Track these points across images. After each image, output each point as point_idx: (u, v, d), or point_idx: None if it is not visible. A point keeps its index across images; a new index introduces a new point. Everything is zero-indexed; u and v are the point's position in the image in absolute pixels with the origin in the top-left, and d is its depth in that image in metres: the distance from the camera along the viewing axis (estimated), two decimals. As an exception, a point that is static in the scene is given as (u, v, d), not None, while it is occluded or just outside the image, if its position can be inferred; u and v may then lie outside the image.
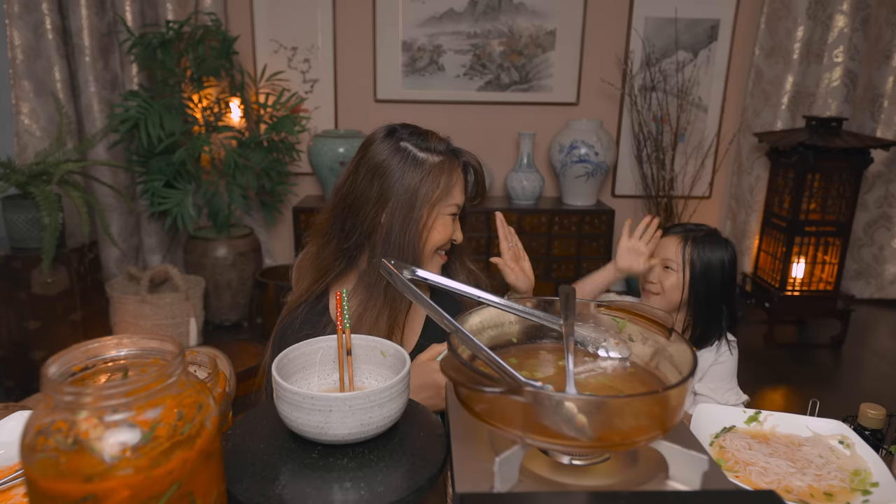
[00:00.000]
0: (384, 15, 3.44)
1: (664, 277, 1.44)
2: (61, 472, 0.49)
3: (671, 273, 1.44)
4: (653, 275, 1.46)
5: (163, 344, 0.60)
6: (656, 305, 1.41)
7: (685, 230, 1.47)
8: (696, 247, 1.43)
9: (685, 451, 0.62)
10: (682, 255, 1.43)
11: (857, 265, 3.81)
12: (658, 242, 1.44)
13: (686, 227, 1.49)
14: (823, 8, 3.39)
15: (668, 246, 1.44)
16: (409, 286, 0.73)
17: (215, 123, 3.09)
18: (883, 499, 0.78)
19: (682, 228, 1.48)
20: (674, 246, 1.43)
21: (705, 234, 1.45)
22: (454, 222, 1.16)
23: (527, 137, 3.44)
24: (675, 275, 1.43)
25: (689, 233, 1.45)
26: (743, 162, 3.67)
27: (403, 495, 0.66)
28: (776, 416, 0.98)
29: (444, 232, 1.13)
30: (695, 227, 1.48)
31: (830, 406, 1.21)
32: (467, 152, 1.17)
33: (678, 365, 0.68)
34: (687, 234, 1.44)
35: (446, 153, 1.12)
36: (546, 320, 0.77)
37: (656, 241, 1.43)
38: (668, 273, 1.44)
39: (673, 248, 1.43)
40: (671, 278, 1.44)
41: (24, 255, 2.40)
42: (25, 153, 2.88)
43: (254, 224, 3.55)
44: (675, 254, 1.43)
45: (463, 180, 1.15)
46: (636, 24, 3.50)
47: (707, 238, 1.44)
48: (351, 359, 0.85)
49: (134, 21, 3.06)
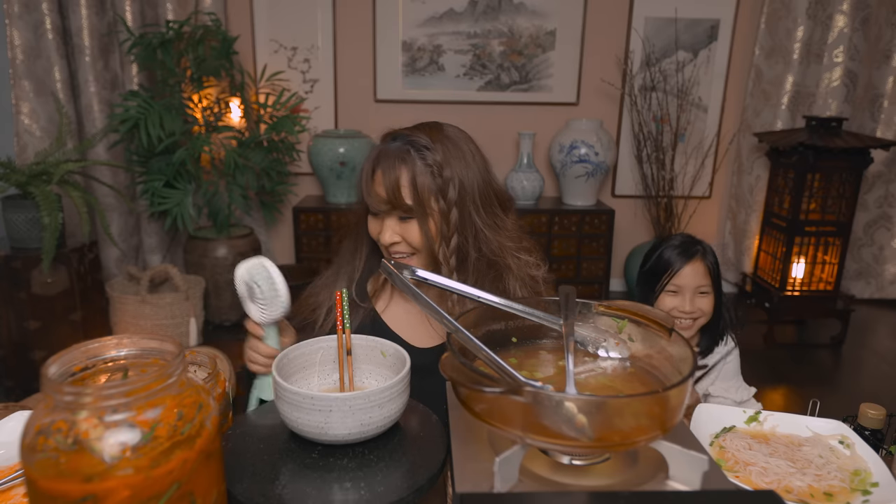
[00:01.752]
0: (384, 15, 3.44)
1: (703, 303, 1.39)
2: (61, 472, 0.49)
3: (706, 296, 1.40)
4: (684, 308, 1.39)
5: (163, 344, 0.60)
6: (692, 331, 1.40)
7: (689, 249, 1.41)
8: (710, 259, 1.41)
9: (685, 451, 0.62)
10: (710, 274, 1.39)
11: (857, 265, 3.81)
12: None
13: (687, 246, 1.42)
14: (823, 8, 3.39)
15: (695, 272, 1.39)
16: (408, 286, 0.73)
17: (215, 123, 3.09)
18: (883, 499, 0.78)
19: (685, 250, 1.41)
20: (700, 270, 1.39)
21: (701, 243, 1.44)
22: (382, 221, 1.08)
23: (527, 137, 3.44)
24: (710, 294, 1.40)
25: (694, 248, 1.41)
26: (743, 162, 3.67)
27: (403, 495, 0.66)
28: (776, 416, 0.98)
29: (372, 229, 1.11)
30: (691, 240, 1.44)
31: (830, 406, 1.21)
32: (396, 147, 1.06)
33: (678, 365, 0.68)
34: (701, 252, 1.40)
35: (382, 146, 1.08)
36: (546, 320, 0.77)
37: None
38: (705, 297, 1.40)
39: (701, 272, 1.39)
40: (707, 300, 1.40)
41: (24, 255, 2.40)
42: (25, 153, 2.88)
43: (254, 224, 3.55)
44: (705, 276, 1.39)
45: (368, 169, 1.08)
46: (636, 24, 3.50)
47: (705, 246, 1.43)
48: (351, 359, 0.85)
49: (134, 21, 3.06)
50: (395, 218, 1.07)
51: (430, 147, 1.04)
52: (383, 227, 1.08)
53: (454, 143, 1.07)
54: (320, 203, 3.42)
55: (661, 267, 1.41)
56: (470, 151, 1.09)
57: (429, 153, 1.04)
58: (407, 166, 1.04)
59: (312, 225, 3.31)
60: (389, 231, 1.07)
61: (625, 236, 3.79)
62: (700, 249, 1.41)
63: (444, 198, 1.04)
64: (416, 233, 1.06)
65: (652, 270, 1.44)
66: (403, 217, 1.06)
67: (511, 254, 1.11)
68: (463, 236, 1.07)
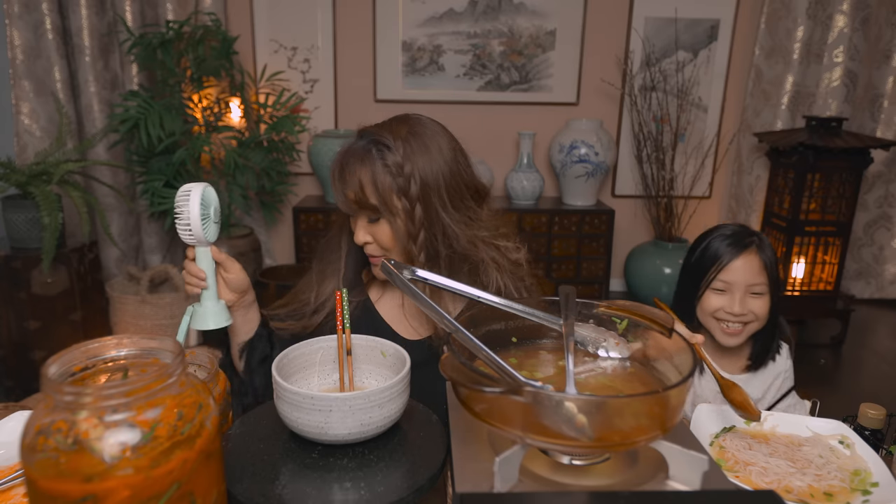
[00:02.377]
0: (384, 15, 3.44)
1: (755, 305, 1.21)
2: (61, 472, 0.49)
3: (760, 297, 1.22)
4: (733, 309, 1.20)
5: (163, 344, 0.60)
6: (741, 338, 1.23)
7: (743, 240, 1.22)
8: (767, 254, 1.22)
9: (685, 451, 0.62)
10: (766, 271, 1.21)
11: (857, 265, 3.81)
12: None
13: (740, 236, 1.23)
14: (823, 8, 3.39)
15: (748, 268, 1.20)
16: (408, 285, 0.73)
17: (215, 123, 3.09)
18: (883, 499, 0.78)
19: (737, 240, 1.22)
20: (755, 265, 1.20)
21: (758, 234, 1.25)
22: (355, 221, 1.09)
23: (527, 137, 3.44)
24: (766, 295, 1.22)
25: (749, 238, 1.23)
26: (743, 162, 3.67)
27: (403, 495, 0.66)
28: (776, 416, 0.98)
29: (352, 228, 1.11)
30: (744, 230, 1.25)
31: (830, 406, 1.21)
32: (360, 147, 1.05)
33: (678, 365, 0.68)
34: (757, 243, 1.22)
35: (348, 145, 1.08)
36: (546, 320, 0.77)
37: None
38: (758, 298, 1.22)
39: (756, 268, 1.20)
40: (761, 302, 1.22)
41: (24, 255, 2.40)
42: (25, 153, 2.88)
43: (254, 224, 3.55)
44: (760, 273, 1.21)
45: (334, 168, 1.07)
46: (636, 24, 3.50)
47: (761, 237, 1.24)
48: (351, 359, 0.85)
49: (134, 21, 3.06)
50: (365, 219, 1.07)
51: (390, 146, 1.03)
52: (356, 228, 1.09)
53: (419, 137, 1.05)
54: (320, 203, 3.42)
55: (708, 260, 1.23)
56: (437, 146, 1.06)
57: (389, 152, 1.03)
58: (367, 167, 1.03)
59: (312, 225, 3.31)
60: (361, 231, 1.08)
61: (625, 236, 3.79)
62: (756, 241, 1.22)
63: (407, 196, 1.03)
64: (385, 233, 1.06)
65: (697, 264, 1.25)
66: (373, 219, 1.06)
67: (488, 244, 1.09)
68: (431, 233, 1.06)
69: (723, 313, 1.21)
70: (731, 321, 1.21)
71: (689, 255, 1.30)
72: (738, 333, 1.22)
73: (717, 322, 1.24)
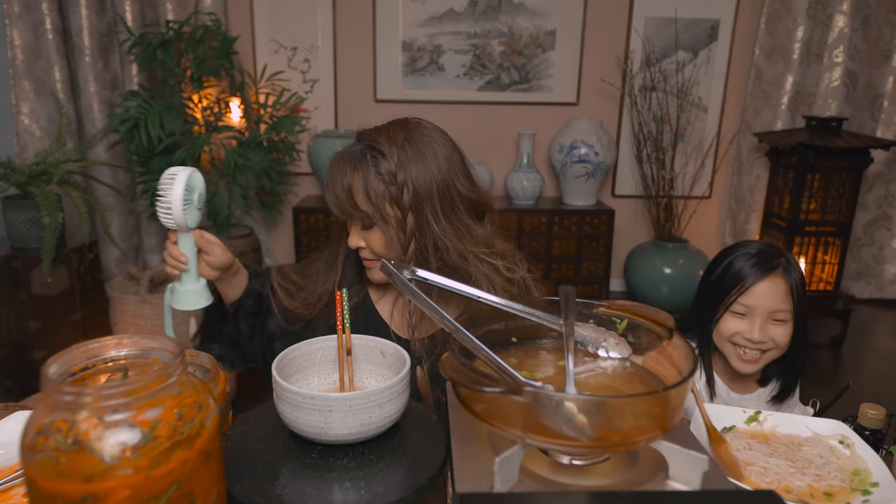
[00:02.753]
0: (384, 15, 3.44)
1: (776, 333, 1.13)
2: (61, 472, 0.49)
3: (783, 324, 1.13)
4: (752, 335, 1.12)
5: (163, 344, 0.60)
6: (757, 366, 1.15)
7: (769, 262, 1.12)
8: (794, 276, 1.13)
9: (685, 451, 0.62)
10: (792, 296, 1.12)
11: (857, 265, 3.81)
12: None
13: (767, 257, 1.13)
14: (823, 8, 3.39)
15: (773, 292, 1.11)
16: (407, 285, 0.73)
17: (215, 123, 3.09)
18: (883, 499, 0.78)
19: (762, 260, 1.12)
20: (781, 289, 1.11)
21: (785, 255, 1.15)
22: (350, 225, 1.09)
23: (527, 137, 3.44)
24: (789, 323, 1.13)
25: (776, 260, 1.13)
26: (743, 162, 3.67)
27: (403, 495, 0.66)
28: (776, 416, 0.98)
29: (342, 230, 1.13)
30: (772, 250, 1.15)
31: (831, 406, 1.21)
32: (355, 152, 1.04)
33: (678, 365, 0.68)
34: (784, 266, 1.13)
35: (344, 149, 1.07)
36: (546, 320, 0.77)
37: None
38: (780, 325, 1.13)
39: (781, 293, 1.11)
40: (783, 329, 1.13)
41: (24, 255, 2.40)
42: (25, 153, 2.88)
43: (254, 224, 3.55)
44: (785, 298, 1.12)
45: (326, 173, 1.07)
46: (636, 24, 3.50)
47: (789, 258, 1.15)
48: (351, 359, 0.85)
49: (134, 21, 3.06)
50: (358, 224, 1.07)
51: (385, 152, 1.01)
52: (350, 232, 1.09)
53: (415, 144, 1.03)
54: (320, 203, 3.42)
55: (729, 281, 1.14)
56: (433, 153, 1.04)
57: (383, 159, 1.01)
58: (359, 172, 1.02)
59: (312, 225, 3.31)
60: (355, 236, 1.08)
61: (625, 236, 3.79)
62: (783, 263, 1.13)
63: (399, 204, 1.01)
64: (378, 240, 1.06)
65: (717, 284, 1.16)
66: (366, 225, 1.06)
67: (480, 259, 1.07)
68: (421, 243, 1.04)
69: (740, 338, 1.13)
70: (748, 347, 1.14)
71: (709, 271, 1.21)
72: (755, 361, 1.14)
73: (734, 347, 1.16)
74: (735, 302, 1.13)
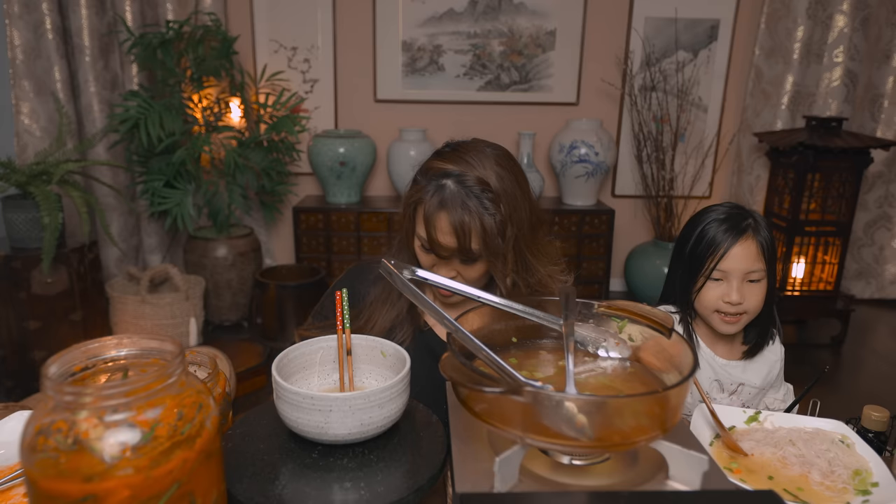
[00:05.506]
0: (384, 15, 3.44)
1: (750, 293, 1.15)
2: (61, 472, 0.49)
3: (757, 284, 1.16)
4: (730, 298, 1.14)
5: (163, 344, 0.60)
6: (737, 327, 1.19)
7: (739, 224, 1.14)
8: (763, 234, 1.15)
9: (685, 451, 0.62)
10: (763, 255, 1.15)
11: (857, 265, 3.81)
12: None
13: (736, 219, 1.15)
14: (823, 8, 3.39)
15: (746, 254, 1.13)
16: (408, 285, 0.73)
17: (215, 123, 3.09)
18: (883, 499, 0.78)
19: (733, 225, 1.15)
20: (752, 250, 1.14)
21: (753, 214, 1.17)
22: (434, 258, 1.04)
23: (527, 137, 3.44)
24: (763, 282, 1.16)
25: (745, 221, 1.15)
26: (743, 162, 3.67)
27: (403, 495, 0.66)
28: (776, 417, 0.98)
29: (424, 261, 1.06)
30: (739, 212, 1.17)
31: (831, 406, 1.21)
32: (458, 192, 0.98)
33: (678, 365, 0.68)
34: (752, 226, 1.15)
35: (430, 181, 1.01)
36: (546, 320, 0.77)
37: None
38: (755, 286, 1.16)
39: (753, 254, 1.14)
40: (758, 288, 1.16)
41: (24, 255, 2.40)
42: (25, 153, 2.88)
43: (254, 224, 3.55)
44: (757, 258, 1.14)
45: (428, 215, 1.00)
46: (636, 24, 3.50)
47: (756, 217, 1.17)
48: (351, 359, 0.85)
49: (134, 21, 3.06)
50: (456, 259, 1.04)
51: (490, 191, 0.99)
52: (440, 265, 1.05)
53: (504, 177, 1.02)
54: (320, 203, 3.42)
55: (704, 248, 1.16)
56: (518, 183, 1.04)
57: (489, 199, 0.99)
58: (472, 214, 0.98)
59: (312, 225, 3.31)
60: (449, 270, 1.05)
61: (625, 236, 3.79)
62: (752, 223, 1.15)
63: (503, 237, 1.00)
64: (476, 271, 1.04)
65: (692, 254, 1.18)
66: (468, 259, 1.02)
67: (555, 278, 1.09)
68: (517, 272, 1.05)
69: (721, 303, 1.16)
70: (729, 310, 1.16)
71: (680, 242, 1.22)
72: (734, 322, 1.17)
73: (717, 312, 1.20)
74: (713, 269, 1.15)
